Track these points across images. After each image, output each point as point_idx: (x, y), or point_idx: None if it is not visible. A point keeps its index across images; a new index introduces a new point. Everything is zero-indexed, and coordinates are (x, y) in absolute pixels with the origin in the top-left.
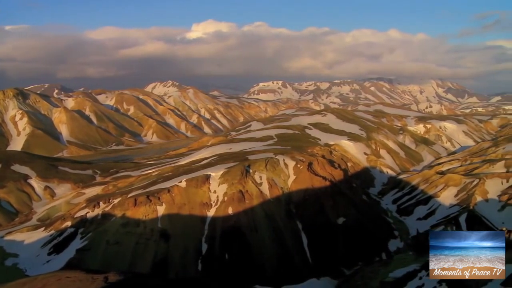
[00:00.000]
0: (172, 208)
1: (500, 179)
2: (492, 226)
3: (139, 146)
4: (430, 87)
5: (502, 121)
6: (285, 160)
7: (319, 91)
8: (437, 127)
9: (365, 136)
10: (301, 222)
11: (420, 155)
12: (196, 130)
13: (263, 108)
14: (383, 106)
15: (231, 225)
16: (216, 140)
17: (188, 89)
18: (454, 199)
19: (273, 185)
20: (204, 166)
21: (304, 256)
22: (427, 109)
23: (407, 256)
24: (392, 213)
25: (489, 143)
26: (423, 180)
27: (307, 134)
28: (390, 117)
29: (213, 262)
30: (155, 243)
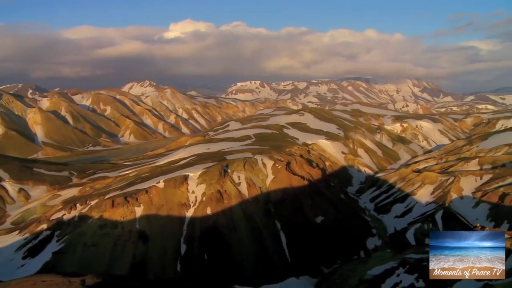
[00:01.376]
0: (150, 209)
1: (474, 176)
2: (467, 223)
3: (116, 146)
4: (406, 86)
5: (475, 120)
6: (263, 159)
7: (297, 91)
8: (413, 126)
9: (343, 135)
10: (279, 222)
11: (397, 154)
12: (174, 130)
13: (241, 108)
14: (360, 105)
15: (210, 225)
16: (194, 140)
17: (166, 89)
18: (430, 196)
19: (251, 185)
20: (182, 166)
21: (283, 255)
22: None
23: (385, 254)
24: (370, 211)
25: (463, 142)
26: (400, 178)
27: (285, 133)
28: (367, 116)
29: (192, 262)
30: (133, 244)
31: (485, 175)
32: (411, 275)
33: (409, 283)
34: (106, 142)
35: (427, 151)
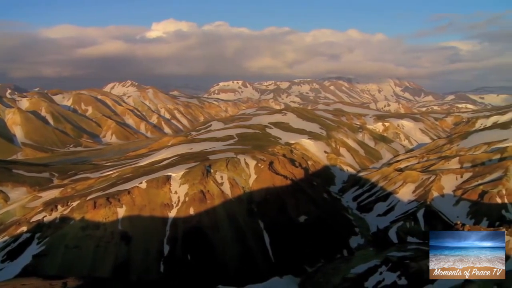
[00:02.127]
0: (133, 210)
1: (455, 175)
2: (448, 221)
3: (98, 147)
4: (388, 86)
5: (456, 119)
6: (246, 159)
7: (279, 91)
8: (395, 125)
9: (325, 134)
10: (263, 221)
11: (379, 153)
12: (156, 131)
13: (223, 107)
14: (342, 105)
15: (193, 226)
16: (177, 140)
17: (148, 89)
18: (412, 195)
19: (234, 185)
20: (165, 166)
21: (266, 255)
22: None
23: (367, 252)
24: (352, 210)
25: (444, 140)
26: (382, 177)
27: (267, 133)
28: (349, 116)
29: (175, 263)
30: (116, 246)
31: (465, 173)
32: (394, 272)
33: (392, 281)
34: (88, 142)
35: (409, 150)
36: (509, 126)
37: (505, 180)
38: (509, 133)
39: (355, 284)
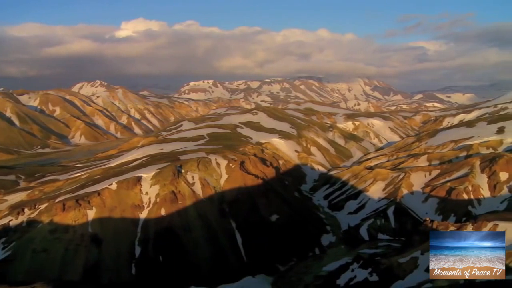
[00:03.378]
0: (103, 212)
1: (423, 172)
2: (417, 217)
3: (67, 148)
4: (357, 85)
5: (424, 117)
6: (217, 159)
7: (250, 90)
8: (365, 124)
9: (296, 134)
10: (234, 221)
11: (349, 151)
12: (126, 131)
13: (194, 107)
14: (313, 104)
15: (164, 227)
16: (147, 140)
17: (117, 89)
18: (382, 192)
19: (205, 185)
20: (135, 167)
21: (239, 255)
22: (355, 107)
23: (339, 250)
24: (324, 208)
25: (413, 139)
26: (353, 175)
27: (238, 133)
28: (320, 115)
29: (147, 265)
30: (86, 248)
31: (433, 171)
32: (365, 269)
33: (363, 278)
34: (56, 144)
35: (379, 148)
36: (475, 124)
37: (471, 177)
38: (474, 131)
39: (327, 282)
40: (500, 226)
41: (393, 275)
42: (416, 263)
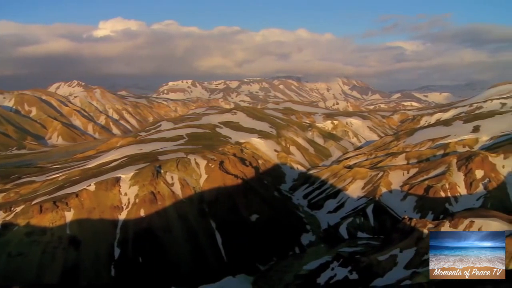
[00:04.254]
0: (81, 213)
1: (401, 170)
2: (396, 215)
3: (43, 149)
4: (336, 84)
5: (402, 116)
6: (197, 159)
7: (229, 90)
8: (343, 123)
9: (275, 133)
10: (214, 221)
11: (329, 151)
12: (104, 132)
13: (173, 107)
14: (292, 103)
15: (144, 228)
16: (126, 141)
17: (95, 89)
18: (361, 191)
19: (185, 185)
20: (114, 168)
21: (219, 255)
22: (334, 106)
23: (319, 249)
24: (303, 207)
25: (391, 138)
26: (332, 174)
27: (217, 132)
28: (299, 114)
29: (127, 266)
30: (64, 251)
31: (411, 169)
32: (345, 268)
33: (343, 276)
34: (32, 145)
35: (357, 147)
36: (451, 123)
37: (448, 175)
38: (451, 130)
39: (308, 281)
40: (476, 223)
41: (373, 273)
42: (395, 261)
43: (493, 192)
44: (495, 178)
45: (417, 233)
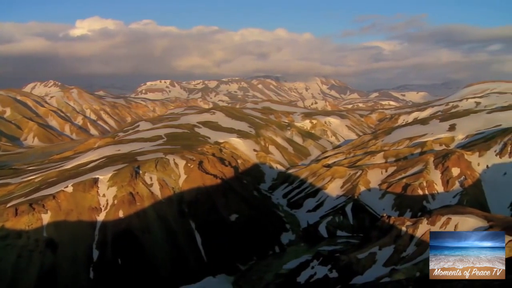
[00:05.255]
0: (59, 215)
1: (380, 169)
2: (375, 213)
3: (19, 150)
4: (315, 84)
5: (380, 115)
6: (175, 159)
7: (207, 90)
8: (322, 122)
9: (254, 133)
10: (194, 221)
11: (307, 150)
12: (82, 132)
13: (151, 107)
14: (270, 103)
15: (123, 229)
16: (104, 141)
17: (72, 89)
18: (340, 190)
19: (164, 186)
20: (92, 169)
21: (199, 255)
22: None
23: (299, 248)
24: (283, 207)
25: (369, 136)
26: (311, 173)
27: (196, 132)
28: (277, 114)
29: (106, 268)
30: (41, 254)
31: (389, 168)
32: (325, 266)
33: (323, 274)
34: (7, 146)
35: (336, 146)
36: (428, 122)
37: (426, 173)
38: (428, 129)
39: (288, 280)
40: (452, 219)
41: (353, 270)
42: (374, 258)
43: (469, 189)
44: (470, 175)
45: (395, 231)
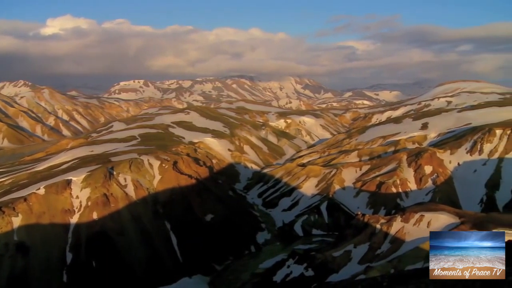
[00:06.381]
0: (30, 218)
1: (354, 168)
2: (350, 211)
3: None
4: (289, 83)
5: (354, 114)
6: (150, 160)
7: (181, 90)
8: (297, 121)
9: (229, 132)
10: (169, 222)
11: (282, 149)
12: (54, 133)
13: (125, 107)
14: (245, 103)
15: (97, 231)
16: (76, 142)
17: (43, 89)
18: (315, 189)
19: (138, 186)
20: (65, 170)
21: (174, 256)
22: (287, 105)
23: (275, 247)
24: (258, 206)
25: (343, 135)
26: (286, 173)
27: (171, 133)
28: (252, 114)
29: (80, 271)
30: (11, 258)
31: (364, 166)
32: (301, 265)
33: (299, 273)
34: None
35: (311, 145)
36: (401, 121)
37: (399, 171)
38: (401, 127)
39: (264, 279)
40: (425, 216)
41: (328, 269)
42: (349, 256)
43: (441, 186)
44: (442, 173)
45: (370, 228)
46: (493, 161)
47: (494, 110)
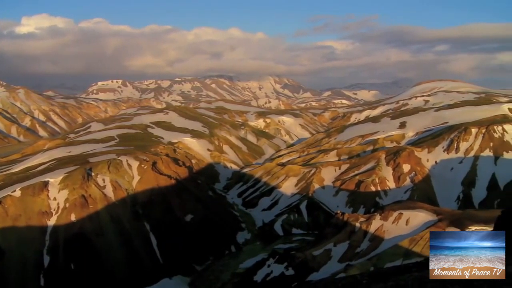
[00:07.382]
0: (5, 221)
1: (333, 167)
2: (329, 210)
3: None
4: (268, 83)
5: (332, 114)
6: (129, 160)
7: (160, 89)
8: (276, 121)
9: (208, 132)
10: (148, 223)
11: (262, 149)
12: (30, 134)
13: (103, 108)
14: (224, 102)
15: (75, 233)
16: (54, 143)
17: (18, 89)
18: (295, 188)
19: (117, 187)
20: (41, 172)
21: (154, 257)
22: (266, 105)
23: (255, 246)
24: (238, 206)
25: (322, 135)
26: (266, 172)
27: (149, 133)
28: (231, 113)
29: (57, 274)
30: None
31: (343, 165)
32: (281, 264)
33: (280, 272)
34: None
35: (290, 145)
36: (380, 120)
37: (378, 170)
38: (379, 126)
39: (245, 279)
40: (404, 214)
41: (308, 267)
42: (329, 255)
43: (419, 184)
44: (420, 171)
45: (349, 227)
46: (469, 159)
47: (470, 109)
